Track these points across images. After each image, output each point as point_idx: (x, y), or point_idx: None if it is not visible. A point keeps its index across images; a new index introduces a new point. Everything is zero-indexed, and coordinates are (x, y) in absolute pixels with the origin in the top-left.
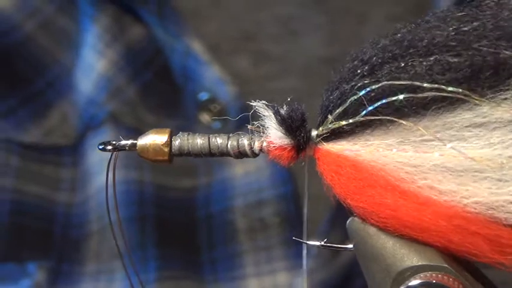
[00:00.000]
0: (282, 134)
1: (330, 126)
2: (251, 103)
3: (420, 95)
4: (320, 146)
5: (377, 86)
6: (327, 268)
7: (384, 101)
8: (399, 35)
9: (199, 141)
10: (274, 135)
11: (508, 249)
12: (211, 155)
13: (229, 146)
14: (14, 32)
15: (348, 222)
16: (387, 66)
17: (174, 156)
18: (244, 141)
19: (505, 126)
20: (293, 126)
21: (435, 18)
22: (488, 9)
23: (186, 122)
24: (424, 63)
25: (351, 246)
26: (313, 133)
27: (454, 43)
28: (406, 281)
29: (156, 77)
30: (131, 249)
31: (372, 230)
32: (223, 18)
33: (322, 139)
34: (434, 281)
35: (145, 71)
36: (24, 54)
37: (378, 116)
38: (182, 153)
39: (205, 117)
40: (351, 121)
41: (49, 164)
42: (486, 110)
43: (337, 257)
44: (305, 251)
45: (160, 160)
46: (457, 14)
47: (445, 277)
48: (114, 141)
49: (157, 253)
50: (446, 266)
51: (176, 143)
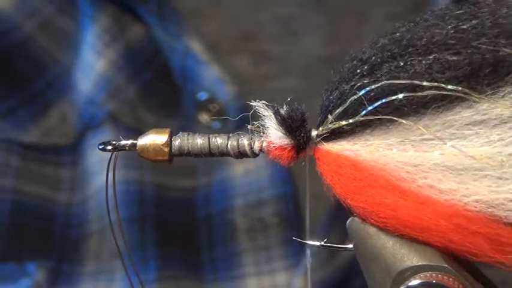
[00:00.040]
0: (282, 134)
1: (330, 126)
2: (251, 103)
3: (420, 94)
4: (320, 146)
5: (376, 85)
6: (326, 268)
7: (384, 100)
8: (398, 34)
9: (199, 141)
10: (274, 135)
11: (508, 248)
12: (211, 155)
13: (229, 146)
14: (13, 32)
15: (348, 222)
16: (386, 65)
17: (174, 156)
18: (244, 141)
19: (505, 123)
20: (293, 126)
21: (434, 16)
22: (486, 7)
23: (185, 121)
24: (423, 62)
25: (350, 246)
26: (313, 133)
27: (453, 41)
28: (406, 281)
29: (155, 76)
30: (131, 249)
31: (372, 230)
32: (223, 18)
33: (322, 139)
34: (434, 281)
35: (145, 70)
36: (24, 54)
37: (377, 116)
38: (182, 153)
39: (204, 117)
40: (351, 121)
41: (49, 164)
42: (485, 107)
43: (336, 256)
44: (308, 251)
45: (160, 160)
46: (455, 12)
47: (445, 277)
48: (114, 141)
49: (157, 253)
50: (446, 266)
51: (176, 143)
